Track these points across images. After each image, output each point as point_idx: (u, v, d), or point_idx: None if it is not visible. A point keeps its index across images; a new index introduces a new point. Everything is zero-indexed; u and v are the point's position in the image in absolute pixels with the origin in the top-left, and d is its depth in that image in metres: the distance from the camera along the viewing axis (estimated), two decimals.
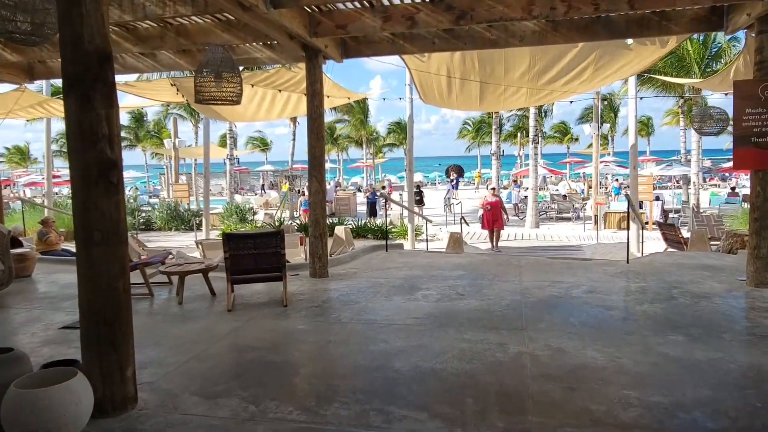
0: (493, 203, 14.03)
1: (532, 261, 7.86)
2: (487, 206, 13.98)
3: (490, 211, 13.90)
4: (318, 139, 6.93)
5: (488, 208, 13.91)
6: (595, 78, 8.34)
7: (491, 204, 14.01)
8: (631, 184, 12.07)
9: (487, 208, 13.95)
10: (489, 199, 14.25)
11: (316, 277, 7.02)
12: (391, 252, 8.84)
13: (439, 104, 10.12)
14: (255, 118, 11.55)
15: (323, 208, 7.06)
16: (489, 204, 14.01)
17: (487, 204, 14.01)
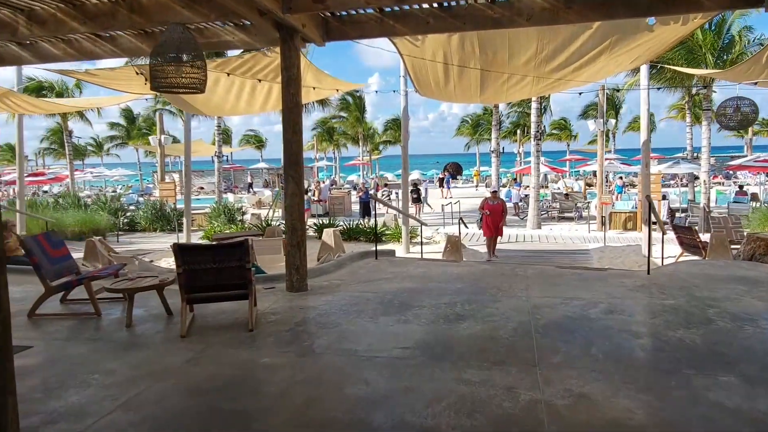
0: (494, 207, 12.29)
1: (539, 271, 6.97)
2: (486, 211, 12.26)
3: (491, 217, 12.16)
4: (295, 132, 6.03)
5: (487, 213, 12.22)
6: (608, 65, 7.45)
7: (491, 208, 12.26)
8: (644, 183, 11.19)
9: (486, 212, 12.24)
10: (490, 202, 12.45)
11: (294, 291, 6.13)
12: (381, 260, 7.95)
13: (435, 95, 9.22)
14: (234, 111, 10.64)
15: (301, 213, 6.17)
16: (489, 208, 12.27)
17: (487, 208, 12.27)
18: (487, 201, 12.50)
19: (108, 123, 51.66)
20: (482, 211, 12.36)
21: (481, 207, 12.56)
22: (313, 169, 50.43)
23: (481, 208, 12.51)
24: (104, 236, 17.54)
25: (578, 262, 11.91)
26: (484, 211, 12.29)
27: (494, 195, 12.90)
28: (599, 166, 18.15)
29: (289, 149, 6.04)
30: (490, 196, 12.81)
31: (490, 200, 12.55)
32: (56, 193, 34.86)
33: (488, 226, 12.29)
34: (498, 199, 12.73)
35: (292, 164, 6.05)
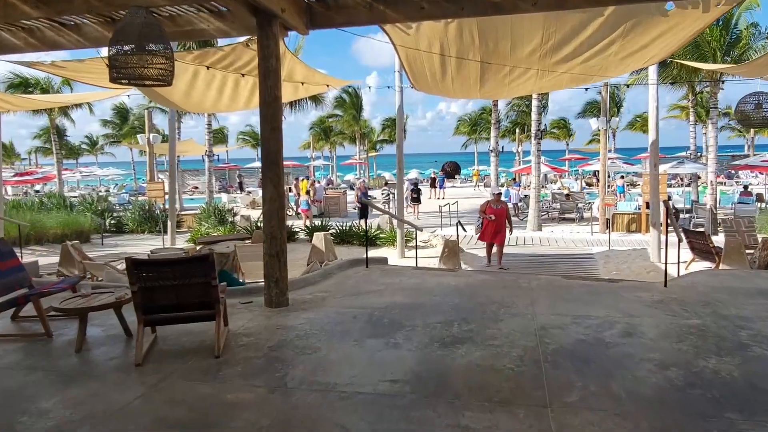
0: (498, 212, 10.90)
1: (545, 283, 6.35)
2: (491, 216, 10.79)
3: (494, 222, 10.84)
4: (273, 129, 5.40)
5: (492, 218, 10.78)
6: (619, 57, 6.83)
7: (496, 213, 10.88)
8: (652, 185, 10.59)
9: (490, 217, 10.79)
10: (494, 206, 11.04)
11: (273, 306, 5.51)
12: (372, 269, 7.32)
13: (431, 90, 8.60)
14: (216, 108, 10.01)
15: (281, 219, 5.54)
16: (494, 213, 10.86)
17: (492, 213, 10.87)
18: (490, 204, 11.14)
19: (101, 121, 50.97)
20: (485, 215, 10.94)
21: (482, 210, 11.18)
22: (310, 168, 49.82)
23: (482, 212, 11.13)
24: (89, 239, 16.95)
25: (582, 266, 11.31)
26: (488, 215, 10.89)
27: (497, 198, 11.37)
28: (602, 165, 17.55)
29: (267, 148, 5.41)
30: (493, 199, 11.34)
31: (493, 203, 11.14)
32: (47, 192, 34.21)
33: (490, 231, 10.99)
34: (501, 203, 11.35)
35: (271, 165, 5.42)
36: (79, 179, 48.90)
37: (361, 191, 20.80)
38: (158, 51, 4.97)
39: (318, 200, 26.48)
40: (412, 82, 8.24)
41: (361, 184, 20.76)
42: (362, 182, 20.76)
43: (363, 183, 20.23)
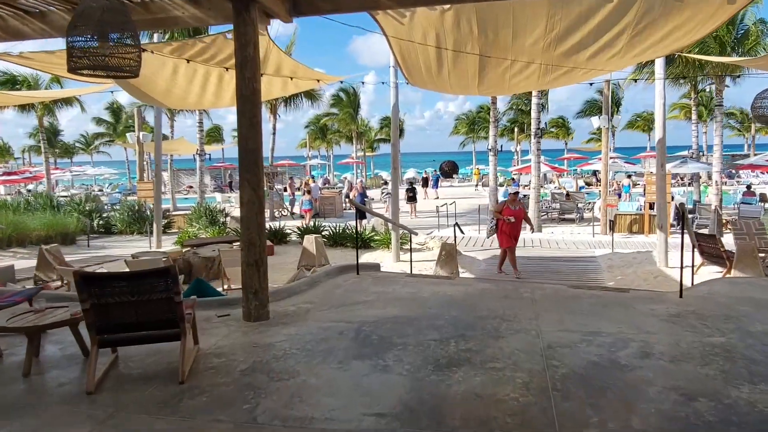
0: (516, 213, 9.90)
1: (549, 292, 5.86)
2: (510, 218, 9.82)
3: (513, 225, 9.91)
4: (252, 126, 4.90)
5: (511, 220, 9.82)
6: (630, 50, 6.34)
7: (514, 215, 9.90)
8: (659, 185, 10.12)
9: (509, 219, 9.81)
10: (511, 207, 9.99)
11: (252, 320, 5.01)
12: (363, 276, 6.83)
13: (427, 85, 8.11)
14: (200, 104, 9.50)
15: (260, 225, 5.04)
16: (511, 214, 9.88)
17: (510, 214, 9.87)
18: (507, 205, 10.05)
19: (94, 119, 50.39)
20: (505, 217, 9.85)
21: (498, 211, 10.15)
22: (306, 167, 49.29)
23: (498, 212, 10.10)
24: (74, 240, 16.41)
25: (585, 271, 10.83)
26: (508, 217, 9.82)
27: (515, 198, 10.27)
28: (603, 165, 17.07)
29: (244, 146, 4.91)
30: (510, 199, 10.25)
31: (511, 204, 10.06)
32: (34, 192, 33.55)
33: (506, 234, 9.98)
34: (519, 203, 10.30)
35: (249, 165, 4.92)
36: (70, 178, 48.21)
37: (358, 192, 20.12)
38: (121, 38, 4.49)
39: (314, 200, 25.99)
40: (406, 76, 7.75)
41: (359, 183, 20.06)
42: (360, 182, 20.14)
43: (360, 183, 19.58)
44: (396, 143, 11.07)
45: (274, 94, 11.41)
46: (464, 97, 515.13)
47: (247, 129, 4.88)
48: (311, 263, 10.46)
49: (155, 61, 7.19)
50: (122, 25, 4.50)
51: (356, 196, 19.93)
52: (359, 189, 19.78)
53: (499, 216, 10.12)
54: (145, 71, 7.64)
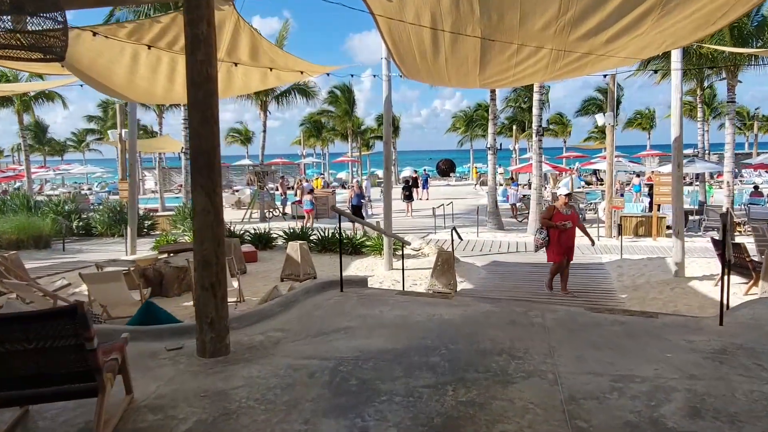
0: (570, 218, 8.07)
1: (563, 316, 5.00)
2: (566, 223, 7.94)
3: (568, 233, 8.05)
4: (205, 121, 4.02)
5: (567, 226, 7.96)
6: (653, 31, 5.47)
7: (568, 219, 8.03)
8: (675, 187, 9.26)
9: (565, 225, 7.93)
10: (563, 210, 8.08)
11: (207, 356, 4.14)
12: (348, 293, 5.95)
13: (422, 76, 7.24)
14: (170, 98, 8.63)
15: (218, 241, 4.16)
16: (566, 219, 8.00)
17: (565, 219, 7.98)
18: (557, 210, 8.10)
19: (85, 117, 49.38)
20: (559, 223, 7.93)
21: (547, 217, 8.18)
22: (300, 166, 48.34)
23: (547, 219, 8.15)
24: (48, 244, 15.48)
25: (594, 279, 9.98)
26: (563, 223, 7.92)
27: (567, 201, 8.25)
28: (608, 164, 16.22)
29: (197, 145, 4.03)
30: (561, 202, 8.20)
31: (562, 208, 8.11)
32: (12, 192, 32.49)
33: (559, 245, 8.05)
34: (571, 207, 8.35)
35: (203, 167, 4.04)
36: (59, 177, 47.19)
37: (354, 193, 18.99)
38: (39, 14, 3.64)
39: None
40: (398, 64, 6.87)
41: (356, 184, 18.96)
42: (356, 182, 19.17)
43: (357, 183, 18.52)
44: (388, 141, 10.19)
45: (252, 88, 10.51)
46: (461, 95, 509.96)
47: (200, 124, 4.00)
48: (295, 272, 9.61)
49: (110, 48, 6.30)
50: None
51: (353, 197, 18.86)
52: (356, 190, 18.72)
53: (549, 223, 8.06)
54: (99, 59, 6.77)
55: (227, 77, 7.58)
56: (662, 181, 14.47)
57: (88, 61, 6.56)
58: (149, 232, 18.27)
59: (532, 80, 7.24)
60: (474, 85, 7.69)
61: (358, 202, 18.61)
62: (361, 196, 18.56)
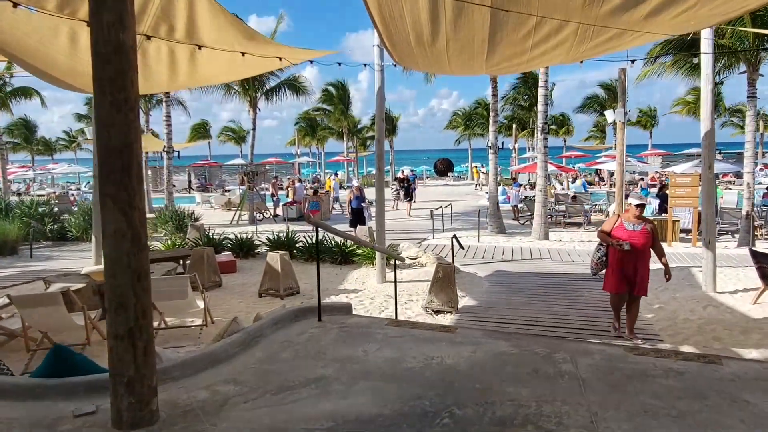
0: (638, 236, 6.02)
1: (600, 363, 3.90)
2: (622, 243, 5.95)
3: (630, 256, 6.02)
4: (116, 108, 2.91)
5: (624, 247, 5.94)
6: (706, 6, 4.38)
7: (634, 238, 6.01)
8: (705, 190, 8.18)
9: (622, 246, 5.94)
10: (629, 225, 6.08)
11: (123, 428, 3.02)
12: (326, 325, 4.85)
13: (417, 61, 6.15)
14: None
15: (136, 272, 3.04)
16: (625, 236, 6.03)
17: (620, 235, 6.07)
18: (621, 222, 6.12)
19: (74, 115, 48.11)
20: (614, 241, 5.99)
21: (606, 230, 6.24)
22: (295, 165, 47.16)
23: (605, 232, 6.22)
24: (15, 250, 14.33)
25: None
26: (619, 242, 5.93)
27: (638, 213, 6.06)
28: (618, 164, 15.12)
29: (105, 141, 2.93)
30: (630, 214, 6.13)
31: (627, 221, 6.09)
32: None
33: (619, 270, 6.10)
34: (643, 220, 6.10)
35: (114, 172, 2.93)
36: (32, 177, 45.97)
37: (354, 195, 17.11)
38: None
39: (298, 201, 23.99)
40: (389, 48, 5.77)
41: (356, 185, 17.56)
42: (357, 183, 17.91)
43: (358, 187, 17.11)
44: (381, 138, 9.08)
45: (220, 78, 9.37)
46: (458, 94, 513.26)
47: (108, 112, 2.89)
48: (275, 287, 8.51)
49: (41, 25, 5.18)
50: None
51: (352, 199, 17.16)
52: (356, 192, 17.19)
53: (606, 239, 6.17)
54: (29, 41, 5.65)
55: (190, 62, 6.46)
56: (679, 183, 13.41)
57: (15, 41, 5.46)
58: (101, 244, 17.11)
59: (549, 62, 6.13)
60: (479, 72, 6.59)
61: (358, 205, 16.98)
62: (362, 199, 17.08)
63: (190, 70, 6.61)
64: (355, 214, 16.80)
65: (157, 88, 7.13)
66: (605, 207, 21.98)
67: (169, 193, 19.07)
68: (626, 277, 6.17)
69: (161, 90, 7.11)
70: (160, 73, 6.66)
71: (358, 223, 16.21)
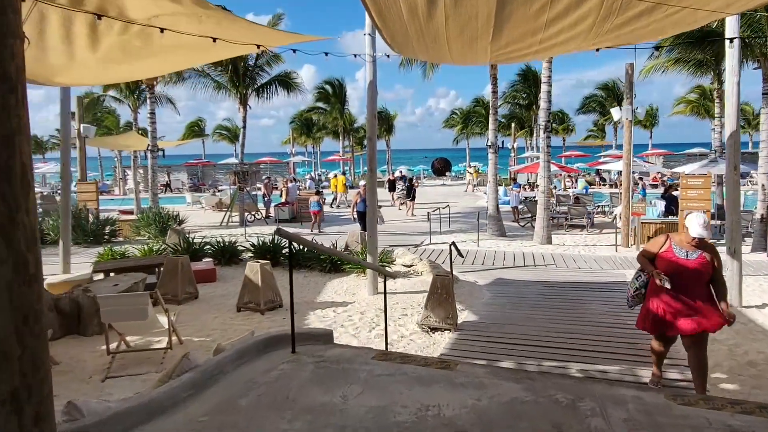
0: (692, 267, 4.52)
1: (636, 414, 3.11)
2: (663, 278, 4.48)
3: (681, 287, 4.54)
4: (7, 86, 2.08)
5: (665, 284, 4.47)
6: None
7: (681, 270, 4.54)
8: (731, 194, 7.40)
9: (662, 280, 4.47)
10: (680, 252, 4.59)
11: None
12: (300, 359, 4.04)
13: (411, 45, 5.35)
14: (69, 76, 6.64)
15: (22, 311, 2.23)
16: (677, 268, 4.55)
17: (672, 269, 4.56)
18: (671, 246, 4.67)
19: (72, 113, 47.12)
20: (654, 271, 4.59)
21: (648, 254, 4.83)
22: (290, 165, 46.30)
23: (646, 257, 4.82)
24: None
25: (624, 307, 8.10)
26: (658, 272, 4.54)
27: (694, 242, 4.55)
28: (625, 165, 14.37)
29: None
30: (684, 239, 4.64)
31: (678, 247, 4.64)
32: None
33: (657, 306, 4.69)
34: (702, 247, 4.58)
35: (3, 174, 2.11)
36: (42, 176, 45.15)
37: (360, 197, 15.48)
38: None
39: (290, 202, 23.18)
40: (379, 26, 4.96)
41: (362, 186, 16.06)
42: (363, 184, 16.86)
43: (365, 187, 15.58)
44: (373, 136, 8.28)
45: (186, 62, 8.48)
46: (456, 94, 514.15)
47: None
48: (255, 300, 7.72)
49: None
50: None
51: (358, 202, 15.45)
52: (362, 193, 15.52)
53: (646, 264, 4.75)
54: None
55: (146, 46, 5.64)
56: (690, 184, 12.66)
57: None
58: (110, 240, 16.31)
59: (564, 48, 5.28)
60: (483, 59, 5.79)
61: (365, 209, 15.59)
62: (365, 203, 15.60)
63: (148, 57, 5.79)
64: (363, 219, 14.93)
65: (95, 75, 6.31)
66: (608, 208, 21.26)
67: (153, 193, 18.24)
68: (668, 315, 4.61)
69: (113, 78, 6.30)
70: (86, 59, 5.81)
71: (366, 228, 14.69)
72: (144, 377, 5.52)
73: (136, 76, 6.44)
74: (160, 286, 8.27)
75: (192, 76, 20.65)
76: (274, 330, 4.62)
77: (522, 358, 5.89)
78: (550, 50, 5.92)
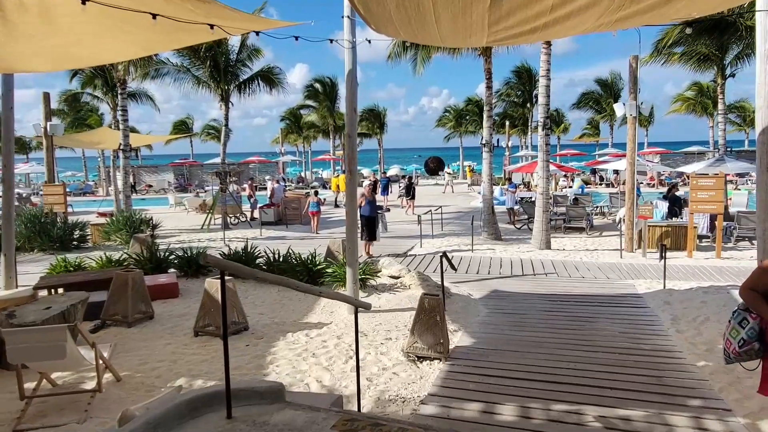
0: None
1: None
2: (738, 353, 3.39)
3: None
4: None
5: None
6: None
7: None
8: (762, 198, 6.43)
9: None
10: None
11: None
12: (236, 428, 3.01)
13: (397, 27, 4.35)
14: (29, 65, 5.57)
15: None
16: None
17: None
18: None
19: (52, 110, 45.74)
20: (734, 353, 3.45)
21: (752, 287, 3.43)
22: (279, 164, 45.17)
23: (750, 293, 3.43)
24: None
25: (637, 325, 7.15)
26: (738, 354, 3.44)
27: None
28: (629, 164, 13.42)
29: None
30: None
31: None
32: None
33: None
34: None
35: None
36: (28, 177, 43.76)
37: (366, 199, 13.11)
38: None
39: (276, 203, 22.12)
40: (357, 6, 3.94)
41: (368, 187, 14.30)
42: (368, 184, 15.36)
43: (370, 188, 13.94)
44: (353, 133, 7.24)
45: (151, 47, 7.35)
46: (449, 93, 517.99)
47: None
48: (215, 323, 6.68)
49: None
50: None
51: (363, 204, 12.87)
52: (368, 195, 13.28)
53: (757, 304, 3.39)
54: None
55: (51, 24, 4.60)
56: (700, 185, 11.72)
57: None
58: (79, 246, 15.17)
59: (572, 30, 4.33)
60: (480, 38, 4.77)
61: (370, 213, 13.09)
62: (375, 203, 13.65)
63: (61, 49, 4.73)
64: (367, 224, 13.03)
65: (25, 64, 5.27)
66: (607, 209, 20.37)
67: (126, 196, 17.09)
68: None
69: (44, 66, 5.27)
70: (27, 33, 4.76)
71: (371, 235, 12.98)
72: (64, 429, 4.48)
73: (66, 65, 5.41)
74: (108, 306, 7.23)
75: (171, 72, 19.56)
76: (205, 388, 3.58)
77: (525, 399, 4.90)
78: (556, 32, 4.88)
